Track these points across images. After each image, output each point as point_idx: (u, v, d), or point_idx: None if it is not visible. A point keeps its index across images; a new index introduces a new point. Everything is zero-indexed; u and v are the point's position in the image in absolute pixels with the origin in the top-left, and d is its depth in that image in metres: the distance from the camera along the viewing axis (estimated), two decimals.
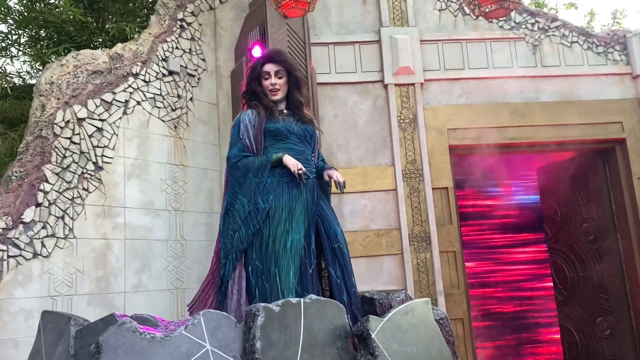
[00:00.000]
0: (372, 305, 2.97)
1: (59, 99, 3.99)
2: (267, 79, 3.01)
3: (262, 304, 2.23)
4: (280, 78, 3.02)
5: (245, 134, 2.93)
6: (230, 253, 2.80)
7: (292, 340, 2.24)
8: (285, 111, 3.06)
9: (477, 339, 6.39)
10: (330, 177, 3.02)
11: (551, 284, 6.31)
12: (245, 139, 2.93)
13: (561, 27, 5.47)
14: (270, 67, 3.01)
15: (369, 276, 4.77)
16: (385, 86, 5.17)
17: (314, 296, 2.37)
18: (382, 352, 2.29)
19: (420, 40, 5.26)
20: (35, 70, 5.76)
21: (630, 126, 5.26)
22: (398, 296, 2.90)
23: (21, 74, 5.47)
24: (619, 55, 5.44)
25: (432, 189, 5.00)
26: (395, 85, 5.16)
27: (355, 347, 2.40)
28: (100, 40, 5.17)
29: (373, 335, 2.29)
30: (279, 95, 3.02)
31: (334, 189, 3.07)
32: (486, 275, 7.30)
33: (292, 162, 2.81)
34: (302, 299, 2.33)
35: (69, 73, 4.10)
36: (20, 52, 5.37)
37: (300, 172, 2.78)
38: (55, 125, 3.92)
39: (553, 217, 6.05)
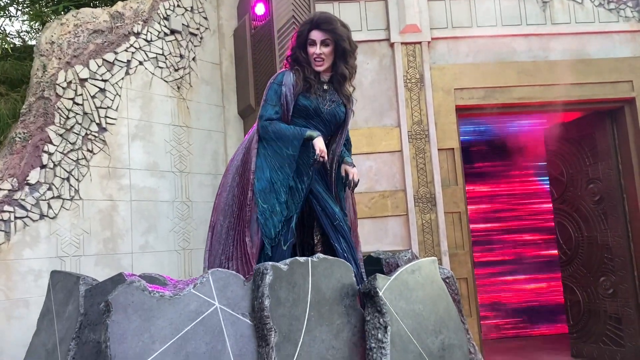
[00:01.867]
0: (379, 265, 2.98)
1: (60, 59, 3.93)
2: (312, 46, 2.84)
3: (270, 263, 2.24)
4: (326, 46, 2.83)
5: (284, 98, 2.79)
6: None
7: (300, 298, 2.25)
8: (325, 86, 2.89)
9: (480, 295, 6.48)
10: (346, 173, 2.91)
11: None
12: (284, 103, 2.79)
13: None
14: (316, 35, 2.82)
15: (374, 237, 4.78)
16: (392, 45, 5.06)
17: (321, 255, 2.38)
18: (390, 309, 2.31)
19: None
20: (34, 31, 5.67)
21: None
22: (405, 255, 2.91)
23: (21, 34, 5.38)
24: (631, 11, 5.30)
25: (438, 149, 4.96)
26: (402, 44, 5.05)
27: (362, 306, 2.42)
28: None
29: (380, 293, 2.31)
30: (323, 66, 2.85)
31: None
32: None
33: (319, 146, 2.69)
34: (309, 258, 2.34)
35: (69, 32, 4.02)
36: (19, 12, 5.27)
37: (320, 159, 2.69)
38: (57, 86, 3.87)
39: (559, 177, 6.02)
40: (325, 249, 2.93)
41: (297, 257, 2.34)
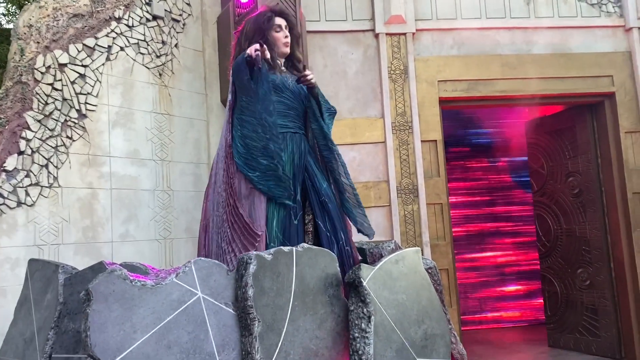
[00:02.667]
0: (363, 255, 2.99)
1: (38, 43, 3.83)
2: (278, 32, 3.06)
3: (255, 252, 2.22)
4: (289, 31, 3.10)
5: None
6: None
7: (284, 288, 2.24)
8: (283, 68, 3.09)
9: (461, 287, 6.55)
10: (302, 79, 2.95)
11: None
12: None
13: None
14: (281, 21, 3.07)
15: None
16: (377, 35, 5.05)
17: (306, 245, 2.37)
18: (373, 299, 2.31)
19: None
20: (11, 14, 5.53)
21: (621, 80, 5.24)
22: (388, 245, 2.92)
23: None
24: (613, 7, 5.36)
25: (421, 141, 4.98)
26: (387, 34, 5.04)
27: (346, 295, 2.42)
28: None
29: (364, 283, 2.31)
30: (288, 50, 3.08)
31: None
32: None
33: (250, 50, 2.72)
34: (294, 247, 2.33)
35: (48, 16, 3.92)
36: None
37: (256, 53, 2.68)
38: (35, 71, 3.78)
39: (539, 170, 6.09)
40: (315, 229, 2.93)
41: (281, 247, 2.33)
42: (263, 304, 2.18)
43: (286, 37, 3.06)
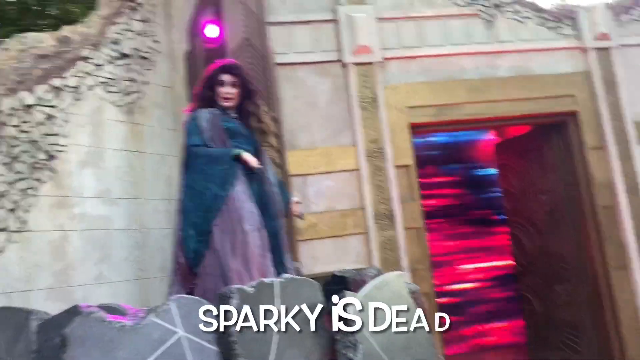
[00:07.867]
0: (345, 283, 2.95)
1: (4, 85, 3.77)
2: (221, 86, 3.29)
3: (236, 286, 2.18)
4: (235, 87, 3.31)
5: (206, 129, 3.17)
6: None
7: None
8: (234, 115, 3.35)
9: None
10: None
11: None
12: (205, 133, 3.16)
13: (514, 3, 5.53)
14: (226, 77, 3.29)
15: (335, 256, 4.75)
16: (344, 65, 5.11)
17: (288, 275, 2.33)
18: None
19: (377, 19, 5.22)
20: None
21: (582, 99, 5.41)
22: (370, 272, 2.90)
23: None
24: (570, 29, 5.56)
25: (395, 167, 5.01)
26: (354, 64, 5.11)
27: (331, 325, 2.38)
28: (46, 23, 4.91)
29: (349, 311, 2.27)
30: (230, 103, 3.30)
31: None
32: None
33: (251, 159, 3.10)
34: (276, 279, 2.29)
35: (13, 57, 3.87)
36: None
37: (259, 166, 3.11)
38: (1, 113, 3.71)
39: (511, 190, 6.20)
40: None
41: (262, 279, 2.29)
42: (248, 339, 2.12)
43: (227, 93, 3.27)
